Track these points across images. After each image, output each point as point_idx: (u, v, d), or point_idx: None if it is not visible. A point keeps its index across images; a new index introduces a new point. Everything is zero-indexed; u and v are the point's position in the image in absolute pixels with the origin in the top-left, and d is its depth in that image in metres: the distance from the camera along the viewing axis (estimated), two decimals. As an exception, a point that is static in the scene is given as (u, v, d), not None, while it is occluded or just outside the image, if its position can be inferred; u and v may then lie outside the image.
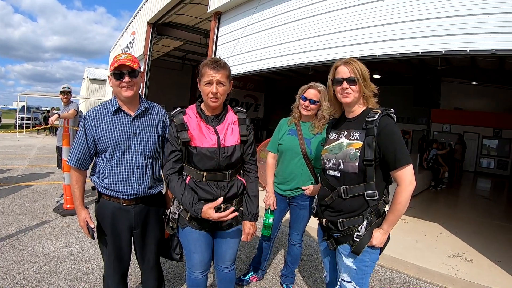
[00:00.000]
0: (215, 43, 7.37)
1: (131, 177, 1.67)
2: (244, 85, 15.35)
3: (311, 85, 2.30)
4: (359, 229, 1.49)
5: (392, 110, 1.51)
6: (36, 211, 4.13)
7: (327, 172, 1.62)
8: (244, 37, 6.51)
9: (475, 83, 11.48)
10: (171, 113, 1.69)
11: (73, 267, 2.72)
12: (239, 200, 1.75)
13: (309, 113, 2.30)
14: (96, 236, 1.75)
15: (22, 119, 17.71)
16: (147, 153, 1.70)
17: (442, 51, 3.46)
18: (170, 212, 1.78)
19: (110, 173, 1.65)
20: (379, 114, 1.47)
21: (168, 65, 17.11)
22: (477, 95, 11.86)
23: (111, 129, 1.64)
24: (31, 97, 19.46)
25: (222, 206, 1.64)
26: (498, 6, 3.06)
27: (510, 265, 3.22)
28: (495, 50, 3.05)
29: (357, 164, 1.47)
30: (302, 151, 2.29)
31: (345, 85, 1.52)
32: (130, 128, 1.67)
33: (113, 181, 1.66)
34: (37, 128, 15.33)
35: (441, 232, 4.30)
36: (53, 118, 4.15)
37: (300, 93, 2.34)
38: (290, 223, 2.50)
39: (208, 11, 7.53)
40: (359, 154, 1.47)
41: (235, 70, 6.39)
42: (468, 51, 3.26)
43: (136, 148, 1.67)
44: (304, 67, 5.60)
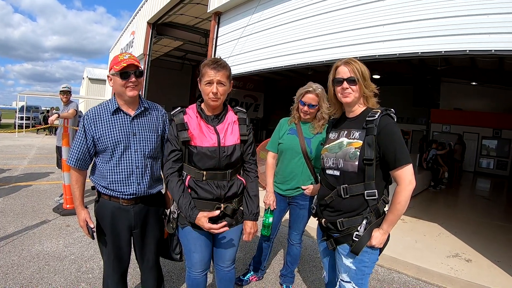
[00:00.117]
0: (215, 43, 7.37)
1: (130, 176, 1.67)
2: (244, 85, 15.35)
3: (308, 89, 2.25)
4: (358, 229, 1.49)
5: (392, 110, 1.51)
6: (35, 211, 4.12)
7: (327, 171, 1.62)
8: (244, 37, 6.50)
9: (474, 83, 11.49)
10: (172, 113, 1.69)
11: (72, 267, 2.72)
12: (239, 199, 1.75)
13: (309, 116, 2.31)
14: (95, 236, 1.75)
15: (21, 118, 17.70)
16: (146, 153, 1.70)
17: (442, 51, 3.47)
18: (170, 211, 1.78)
19: (109, 172, 1.66)
20: (379, 113, 1.47)
21: (168, 65, 17.08)
22: (477, 95, 11.88)
23: (110, 129, 1.64)
24: (30, 97, 19.48)
25: (222, 206, 1.64)
26: (497, 6, 3.06)
27: (509, 265, 3.22)
28: (495, 50, 3.05)
29: (357, 163, 1.47)
30: (302, 150, 2.29)
31: (345, 85, 1.52)
32: (129, 128, 1.67)
33: (112, 181, 1.66)
34: (37, 128, 15.31)
35: (441, 232, 4.30)
36: (53, 117, 4.15)
37: (298, 96, 2.31)
38: (289, 223, 2.50)
39: (208, 11, 7.52)
40: (359, 153, 1.47)
41: (235, 70, 6.38)
42: (467, 51, 3.27)
43: (135, 148, 1.68)
44: (304, 67, 5.59)
